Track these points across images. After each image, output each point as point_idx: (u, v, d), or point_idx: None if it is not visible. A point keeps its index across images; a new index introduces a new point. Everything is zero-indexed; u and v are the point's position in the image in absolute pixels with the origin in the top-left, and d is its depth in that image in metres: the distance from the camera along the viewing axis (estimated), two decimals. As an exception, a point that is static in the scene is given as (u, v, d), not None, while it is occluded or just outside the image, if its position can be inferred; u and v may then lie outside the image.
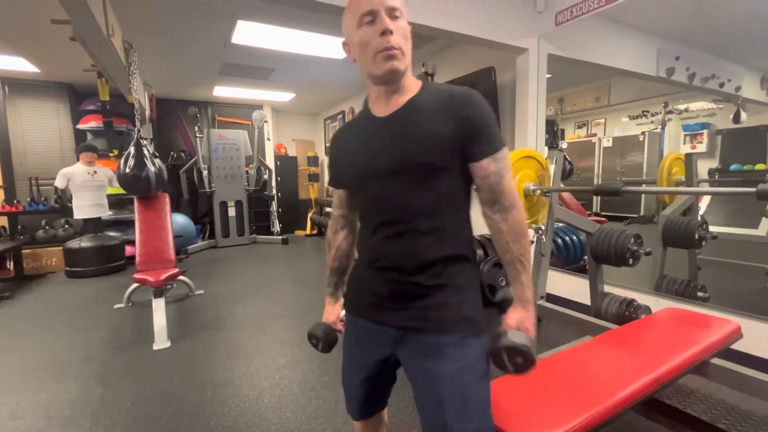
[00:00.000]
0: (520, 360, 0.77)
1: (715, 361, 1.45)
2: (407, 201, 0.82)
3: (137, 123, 3.12)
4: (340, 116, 6.55)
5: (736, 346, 1.43)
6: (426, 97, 0.83)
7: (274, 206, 6.46)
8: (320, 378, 2.01)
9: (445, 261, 0.82)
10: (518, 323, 0.81)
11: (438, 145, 0.79)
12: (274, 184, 6.58)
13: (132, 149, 2.98)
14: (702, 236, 2.34)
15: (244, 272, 4.32)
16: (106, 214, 4.39)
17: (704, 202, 4.68)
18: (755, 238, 4.44)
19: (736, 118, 4.70)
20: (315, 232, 6.92)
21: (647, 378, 1.11)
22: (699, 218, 2.72)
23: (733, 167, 5.06)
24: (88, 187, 4.14)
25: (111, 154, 4.66)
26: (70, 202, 4.19)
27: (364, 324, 0.92)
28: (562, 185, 2.85)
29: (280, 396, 1.85)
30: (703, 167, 4.99)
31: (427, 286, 0.82)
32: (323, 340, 1.07)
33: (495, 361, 0.80)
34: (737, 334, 1.41)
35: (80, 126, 4.96)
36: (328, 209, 6.70)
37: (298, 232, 7.12)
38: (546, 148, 3.16)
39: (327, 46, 3.82)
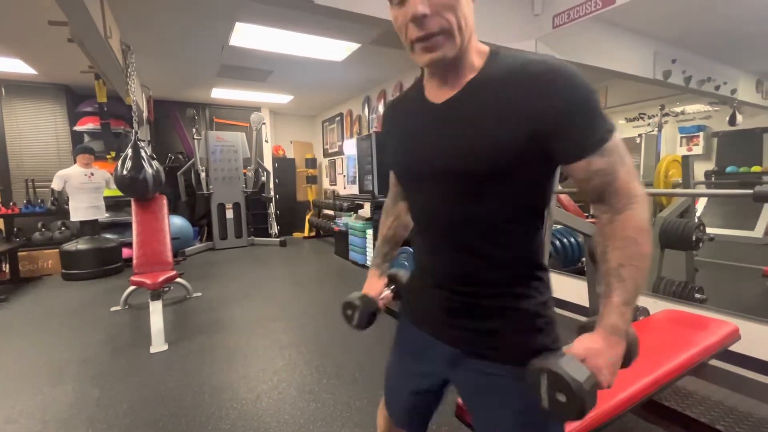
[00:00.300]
0: (562, 398, 0.55)
1: (714, 362, 1.46)
2: (459, 214, 0.67)
3: (135, 125, 3.11)
4: (338, 118, 6.56)
5: (734, 348, 1.43)
6: (491, 77, 0.63)
7: (272, 208, 6.45)
8: (318, 381, 2.00)
9: (507, 283, 0.68)
10: (586, 352, 0.59)
11: (502, 149, 0.61)
12: (272, 186, 6.57)
13: (129, 151, 2.97)
14: (699, 238, 2.35)
15: (241, 274, 4.30)
16: (103, 216, 4.37)
17: (701, 204, 4.71)
18: (752, 240, 4.47)
19: (732, 121, 4.73)
20: (313, 234, 6.91)
21: (646, 380, 1.11)
22: (696, 220, 2.73)
23: (729, 169, 5.09)
24: (85, 189, 4.12)
25: (108, 156, 4.64)
26: (67, 205, 4.17)
27: (420, 333, 0.80)
28: (560, 187, 2.86)
29: (278, 399, 1.85)
30: (700, 169, 5.02)
31: (486, 307, 0.69)
32: (360, 309, 0.89)
33: (530, 384, 0.60)
34: (735, 336, 1.42)
35: (77, 128, 4.94)
36: (326, 211, 6.70)
37: (296, 235, 7.11)
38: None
39: (325, 48, 3.83)
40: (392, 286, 0.97)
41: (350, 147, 5.16)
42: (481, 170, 0.63)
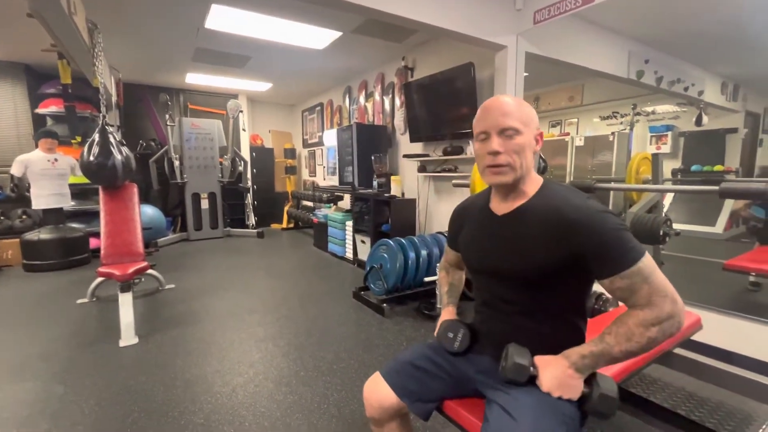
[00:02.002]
0: (503, 363, 0.88)
1: (677, 351, 1.53)
2: (509, 296, 0.94)
3: (102, 108, 2.94)
4: (318, 108, 6.45)
5: (696, 337, 1.51)
6: (537, 207, 0.89)
7: (249, 199, 6.31)
8: (296, 373, 1.99)
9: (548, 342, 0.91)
10: (540, 359, 0.87)
11: (536, 263, 0.86)
12: (249, 176, 6.43)
13: (97, 136, 2.81)
14: (666, 233, 2.45)
15: (217, 266, 4.20)
16: (68, 204, 4.16)
17: (667, 201, 4.92)
18: (713, 235, 4.72)
19: (698, 121, 4.95)
20: (291, 225, 6.82)
21: (615, 369, 1.15)
22: (663, 215, 2.84)
23: (694, 168, 5.34)
24: (48, 176, 3.91)
25: (73, 141, 4.40)
26: (28, 192, 3.94)
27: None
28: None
29: (255, 392, 1.82)
30: (667, 167, 5.24)
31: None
32: (464, 333, 1.05)
33: (503, 355, 0.90)
34: (697, 326, 1.49)
35: (39, 110, 4.66)
36: (305, 203, 6.61)
37: (275, 226, 7.00)
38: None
39: (306, 35, 3.74)
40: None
41: (330, 138, 5.10)
42: (531, 275, 0.88)
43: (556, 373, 0.83)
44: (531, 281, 0.89)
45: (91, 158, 2.76)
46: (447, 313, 1.16)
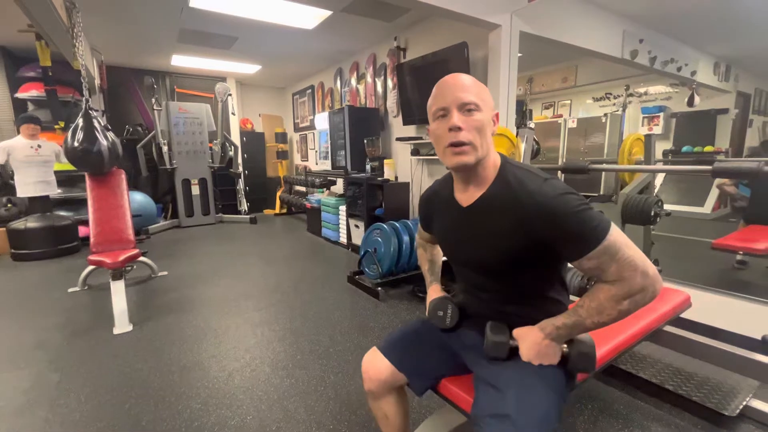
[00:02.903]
0: (485, 341, 0.92)
1: (667, 328, 1.56)
2: (487, 285, 0.98)
3: (85, 92, 2.85)
4: (309, 91, 6.32)
5: (685, 315, 1.54)
6: (498, 196, 0.88)
7: (240, 184, 6.24)
8: (292, 357, 2.00)
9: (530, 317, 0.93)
10: (519, 331, 0.90)
11: (504, 253, 0.87)
12: (240, 161, 6.33)
13: (81, 121, 2.73)
14: (657, 213, 2.47)
15: (210, 253, 4.18)
16: (55, 192, 4.07)
17: (657, 182, 4.97)
18: (701, 215, 4.79)
19: (690, 102, 4.96)
20: (284, 211, 6.77)
21: (608, 346, 1.17)
22: (654, 196, 2.87)
23: (684, 149, 5.38)
24: (32, 163, 3.80)
25: (56, 127, 4.28)
26: (12, 179, 3.84)
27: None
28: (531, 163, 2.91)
29: (251, 376, 1.83)
30: (658, 149, 5.27)
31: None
32: (452, 309, 1.06)
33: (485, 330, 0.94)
34: (687, 304, 1.52)
35: (19, 95, 4.49)
36: (297, 188, 6.55)
37: (267, 211, 6.95)
38: (515, 128, 3.19)
39: (294, 14, 3.62)
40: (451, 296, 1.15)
41: (322, 121, 5.01)
42: (501, 265, 0.90)
43: (533, 344, 0.87)
44: (503, 270, 0.91)
45: (76, 144, 2.68)
46: (433, 291, 1.18)
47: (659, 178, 4.97)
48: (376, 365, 1.06)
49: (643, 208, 2.49)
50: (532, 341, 0.87)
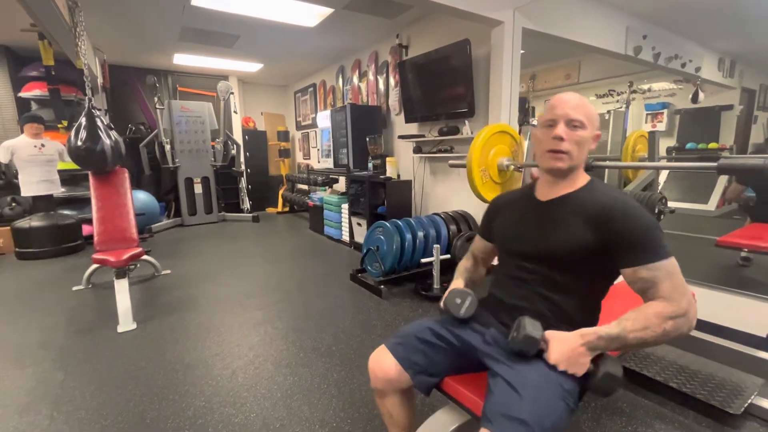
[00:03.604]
0: (514, 334, 0.89)
1: (671, 326, 1.55)
2: (536, 271, 0.99)
3: (88, 91, 2.85)
4: (311, 89, 6.32)
5: (689, 312, 1.53)
6: (583, 197, 0.97)
7: (243, 183, 6.25)
8: (295, 355, 2.00)
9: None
10: (552, 333, 0.89)
11: (572, 247, 0.92)
12: (242, 159, 6.34)
13: (84, 120, 2.73)
14: (661, 210, 2.46)
15: (213, 251, 4.19)
16: (58, 191, 4.09)
17: (661, 179, 4.94)
18: (706, 213, 4.76)
19: (695, 98, 4.92)
20: (287, 209, 6.78)
21: (612, 344, 1.16)
22: (659, 193, 2.86)
23: (689, 145, 5.34)
24: (36, 162, 3.82)
25: (60, 126, 4.29)
26: (16, 179, 3.86)
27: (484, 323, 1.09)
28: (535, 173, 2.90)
29: (255, 374, 1.84)
30: (662, 145, 5.23)
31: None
32: (471, 298, 1.06)
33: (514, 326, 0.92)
34: (691, 301, 1.51)
35: (22, 94, 4.51)
36: (300, 186, 6.56)
37: (270, 210, 6.96)
38: (518, 125, 3.18)
39: (296, 12, 3.61)
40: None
41: (324, 119, 5.01)
42: (565, 254, 0.94)
43: (567, 349, 0.86)
44: (560, 260, 0.95)
45: (79, 143, 2.69)
46: (456, 283, 1.20)
47: (663, 175, 4.94)
48: (383, 363, 1.06)
49: (647, 205, 2.48)
50: (568, 346, 0.86)
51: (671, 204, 2.66)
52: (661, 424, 1.44)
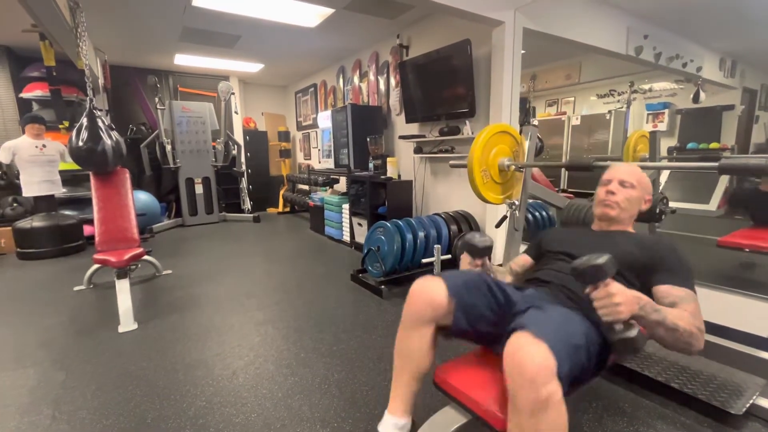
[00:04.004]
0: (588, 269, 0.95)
1: (672, 326, 1.54)
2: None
3: (89, 92, 2.86)
4: (312, 89, 6.32)
5: (690, 313, 1.53)
6: (624, 231, 1.27)
7: (244, 183, 6.25)
8: (296, 355, 2.00)
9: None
10: (621, 290, 0.93)
11: (619, 255, 1.02)
12: (243, 159, 6.34)
13: (85, 120, 2.74)
14: (663, 210, 2.45)
15: (214, 251, 4.19)
16: (60, 191, 4.09)
17: (662, 179, 4.93)
18: (707, 213, 4.75)
19: (696, 98, 4.91)
20: (288, 209, 6.79)
21: (613, 344, 1.16)
22: (660, 194, 2.85)
23: (690, 145, 5.33)
24: (37, 163, 3.83)
25: (61, 126, 4.30)
26: (17, 179, 3.86)
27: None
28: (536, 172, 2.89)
29: (255, 374, 1.84)
30: (663, 145, 5.23)
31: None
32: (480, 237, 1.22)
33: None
34: (692, 302, 1.50)
35: (23, 95, 4.52)
36: (300, 186, 6.57)
37: (270, 210, 6.96)
38: (518, 125, 3.18)
39: (297, 12, 3.62)
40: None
41: (325, 119, 5.01)
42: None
43: (629, 292, 0.93)
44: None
45: (80, 143, 2.70)
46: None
47: (664, 175, 4.93)
48: (432, 289, 1.08)
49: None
50: (630, 292, 0.93)
51: (672, 204, 2.66)
52: (663, 425, 1.44)
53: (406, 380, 1.12)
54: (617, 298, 0.89)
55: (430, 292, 1.08)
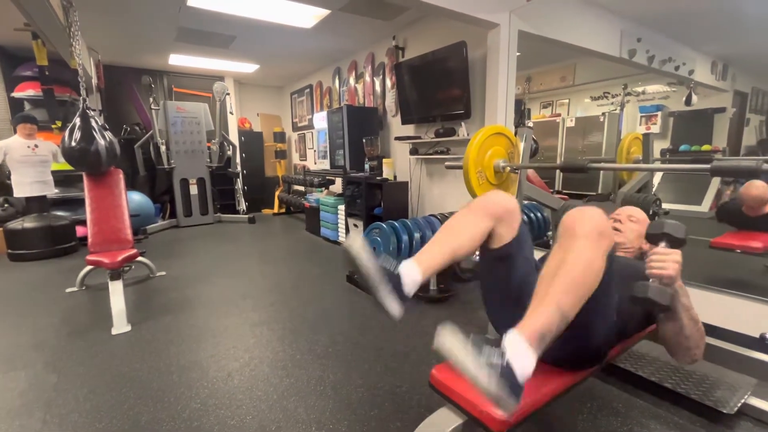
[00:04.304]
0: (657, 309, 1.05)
1: (665, 327, 1.56)
2: None
3: (82, 92, 2.83)
4: (307, 90, 6.32)
5: (683, 313, 1.54)
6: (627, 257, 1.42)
7: (239, 184, 6.22)
8: (292, 357, 2.00)
9: None
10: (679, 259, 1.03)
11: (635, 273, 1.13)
12: (238, 160, 6.32)
13: (78, 120, 2.71)
14: (655, 212, 2.48)
15: (208, 252, 4.17)
16: (52, 192, 4.05)
17: (655, 180, 4.98)
18: (699, 214, 4.80)
19: (688, 101, 4.96)
20: (283, 210, 6.76)
21: (615, 350, 1.17)
22: (653, 195, 2.88)
23: (682, 148, 5.38)
24: (29, 163, 3.79)
25: (54, 126, 4.25)
26: (9, 179, 3.82)
27: None
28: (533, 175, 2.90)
29: (251, 376, 1.83)
30: (656, 147, 5.27)
31: None
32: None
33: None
34: (685, 302, 1.52)
35: (15, 94, 4.48)
36: (296, 187, 6.55)
37: (266, 211, 6.94)
38: (513, 127, 3.20)
39: (293, 13, 3.62)
40: None
41: (320, 120, 5.01)
42: None
43: (679, 266, 1.01)
44: None
45: (73, 144, 2.67)
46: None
47: (657, 177, 4.98)
48: (509, 199, 1.14)
49: (642, 206, 2.48)
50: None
51: (665, 206, 2.69)
52: (656, 424, 1.45)
53: (439, 251, 1.07)
54: (675, 257, 0.99)
55: (511, 201, 1.14)
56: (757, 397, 1.51)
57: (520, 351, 0.76)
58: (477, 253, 1.16)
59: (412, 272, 1.01)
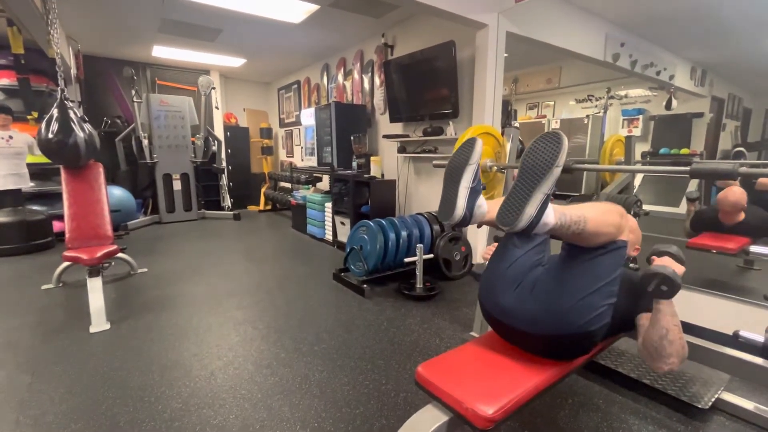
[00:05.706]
0: (665, 288, 1.10)
1: (645, 324, 1.60)
2: None
3: (61, 82, 2.73)
4: (295, 86, 6.25)
5: (662, 311, 1.58)
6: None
7: (224, 180, 6.12)
8: (276, 355, 1.98)
9: None
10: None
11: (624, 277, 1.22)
12: (223, 156, 6.21)
13: (55, 111, 2.62)
14: (636, 212, 2.54)
15: (192, 249, 4.09)
16: (27, 185, 3.91)
17: (636, 182, 5.11)
18: (677, 215, 4.95)
19: (668, 105, 5.11)
20: (269, 207, 6.69)
21: (596, 347, 1.19)
22: (634, 196, 2.95)
23: (662, 151, 5.54)
24: (3, 155, 3.65)
25: (29, 117, 4.10)
26: (-19, 172, 3.67)
27: None
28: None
29: (234, 375, 1.80)
30: (637, 150, 5.41)
31: None
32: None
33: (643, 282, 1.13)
34: (664, 301, 1.56)
35: (-11, 83, 4.29)
36: (282, 184, 6.48)
37: (251, 208, 6.85)
38: (500, 127, 3.23)
39: (282, 7, 3.57)
40: None
41: (308, 117, 4.96)
42: None
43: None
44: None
45: (50, 135, 2.58)
46: None
47: (638, 179, 5.11)
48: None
49: (624, 207, 2.55)
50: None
51: (645, 207, 2.76)
52: (635, 419, 1.49)
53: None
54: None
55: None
56: (730, 393, 1.57)
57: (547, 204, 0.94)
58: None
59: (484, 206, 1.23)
